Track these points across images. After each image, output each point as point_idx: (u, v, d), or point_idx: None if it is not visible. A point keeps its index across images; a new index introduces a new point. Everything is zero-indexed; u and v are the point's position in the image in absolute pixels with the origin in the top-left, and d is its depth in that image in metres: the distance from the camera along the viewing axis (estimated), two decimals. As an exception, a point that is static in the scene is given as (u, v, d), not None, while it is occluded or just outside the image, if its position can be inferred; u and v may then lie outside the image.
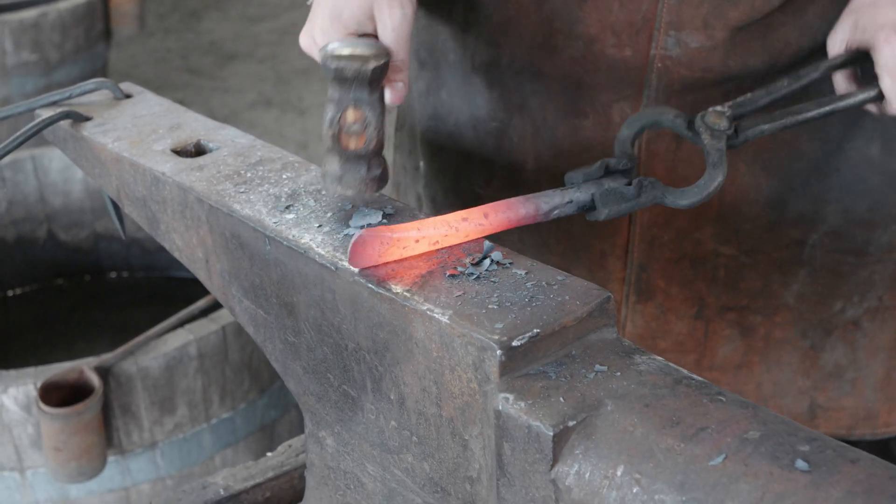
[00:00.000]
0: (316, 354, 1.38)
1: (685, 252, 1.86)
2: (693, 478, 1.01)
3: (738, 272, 1.87)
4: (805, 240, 1.85)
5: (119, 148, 1.62)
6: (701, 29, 1.68)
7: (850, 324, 1.93)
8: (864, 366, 1.96)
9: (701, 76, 1.71)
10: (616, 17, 1.69)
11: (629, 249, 1.87)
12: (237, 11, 7.96)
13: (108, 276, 3.81)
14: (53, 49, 4.73)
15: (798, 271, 1.87)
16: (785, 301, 1.90)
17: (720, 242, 1.85)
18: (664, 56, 1.70)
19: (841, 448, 1.01)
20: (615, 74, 1.73)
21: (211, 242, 1.49)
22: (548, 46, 1.75)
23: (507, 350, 1.12)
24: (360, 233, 1.25)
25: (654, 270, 1.87)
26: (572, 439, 1.09)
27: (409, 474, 1.30)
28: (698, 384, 1.12)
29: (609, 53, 1.72)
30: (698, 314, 1.91)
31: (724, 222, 1.83)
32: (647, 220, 1.82)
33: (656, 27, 1.68)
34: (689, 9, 1.66)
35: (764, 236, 1.84)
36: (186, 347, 2.75)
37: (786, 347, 1.93)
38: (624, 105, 1.75)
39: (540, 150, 1.84)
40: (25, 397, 2.63)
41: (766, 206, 1.82)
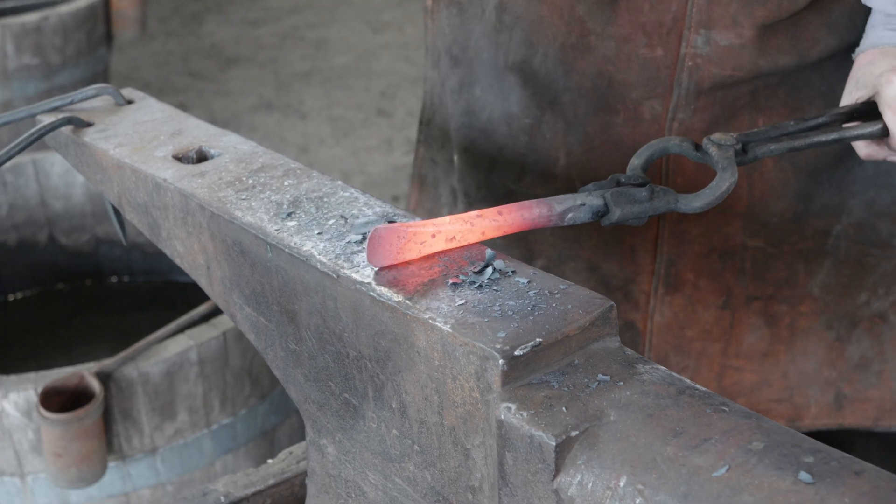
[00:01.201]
0: (317, 362, 1.37)
1: (714, 246, 1.89)
2: (696, 489, 1.01)
3: (765, 263, 1.90)
4: (829, 230, 1.88)
5: (120, 154, 1.62)
6: (730, 27, 1.70)
7: (876, 316, 1.96)
8: (890, 358, 1.98)
9: (731, 74, 1.74)
10: (647, 17, 1.72)
11: (658, 244, 1.90)
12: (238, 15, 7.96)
13: (109, 280, 3.81)
14: (55, 53, 4.72)
15: (823, 262, 1.90)
16: (810, 291, 1.92)
17: (749, 236, 1.88)
18: (694, 54, 1.73)
19: (845, 459, 1.00)
20: (646, 73, 1.76)
21: (212, 249, 1.49)
22: (580, 46, 1.78)
23: (509, 359, 1.12)
24: (376, 228, 1.25)
25: (683, 264, 1.91)
26: (575, 449, 1.08)
27: (410, 483, 1.29)
28: (702, 394, 1.12)
29: (641, 53, 1.75)
30: (725, 304, 1.94)
31: (752, 216, 1.86)
32: (677, 216, 1.86)
33: (686, 26, 1.71)
34: (718, 7, 1.69)
35: (790, 228, 1.87)
36: (187, 353, 2.75)
37: (811, 338, 1.96)
38: (654, 102, 1.78)
39: (571, 146, 1.87)
40: (26, 402, 2.63)
41: (794, 200, 1.85)
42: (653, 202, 1.43)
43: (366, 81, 6.75)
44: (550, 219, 1.36)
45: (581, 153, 1.88)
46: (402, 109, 6.37)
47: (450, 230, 1.29)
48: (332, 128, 6.10)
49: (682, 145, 1.53)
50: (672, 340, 1.98)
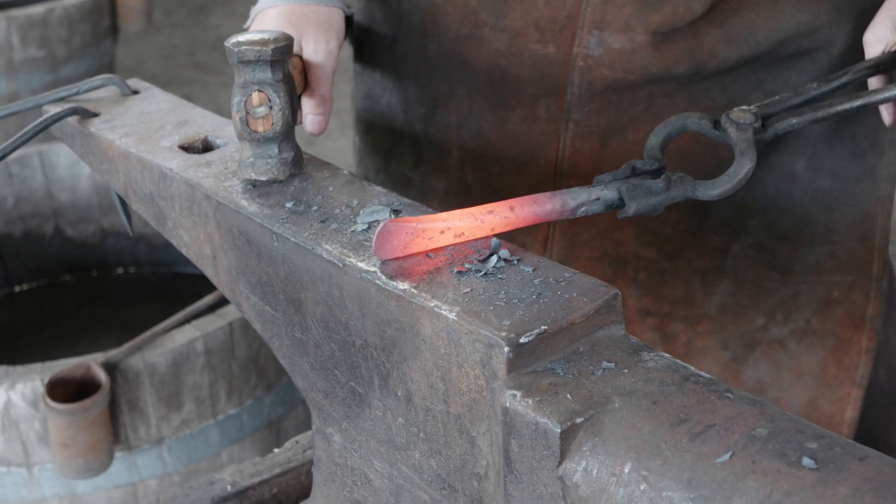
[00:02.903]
0: (323, 351, 1.38)
1: (605, 251, 1.86)
2: (701, 475, 1.01)
3: (660, 277, 1.87)
4: (728, 249, 1.85)
5: (126, 144, 1.62)
6: (623, 31, 1.68)
7: (775, 342, 1.92)
8: (788, 387, 1.95)
9: (623, 77, 1.71)
10: (541, 12, 1.70)
11: (548, 244, 1.87)
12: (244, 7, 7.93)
13: (115, 271, 3.81)
14: (60, 45, 4.73)
15: (720, 281, 1.87)
16: (707, 311, 1.89)
17: (641, 245, 1.85)
18: (586, 55, 1.70)
19: (849, 445, 1.01)
20: (539, 70, 1.74)
21: (218, 239, 1.49)
22: (474, 38, 1.76)
23: (514, 347, 1.12)
24: (385, 223, 1.25)
25: (573, 267, 1.86)
26: (580, 436, 1.09)
27: (416, 471, 1.30)
28: (706, 381, 1.12)
29: (533, 49, 1.73)
30: None
31: (644, 225, 1.83)
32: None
33: (580, 26, 1.69)
34: (613, 10, 1.67)
35: (686, 242, 1.84)
36: (193, 343, 2.75)
37: (706, 357, 1.93)
38: (549, 101, 1.76)
39: (465, 139, 1.86)
40: (32, 393, 2.64)
41: (687, 213, 1.82)
42: (669, 192, 1.40)
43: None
44: (563, 213, 1.36)
45: (475, 147, 1.86)
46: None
47: (459, 226, 1.29)
48: (337, 120, 6.10)
49: (700, 123, 1.50)
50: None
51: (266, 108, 1.43)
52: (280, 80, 1.43)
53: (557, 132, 1.79)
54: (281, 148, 1.44)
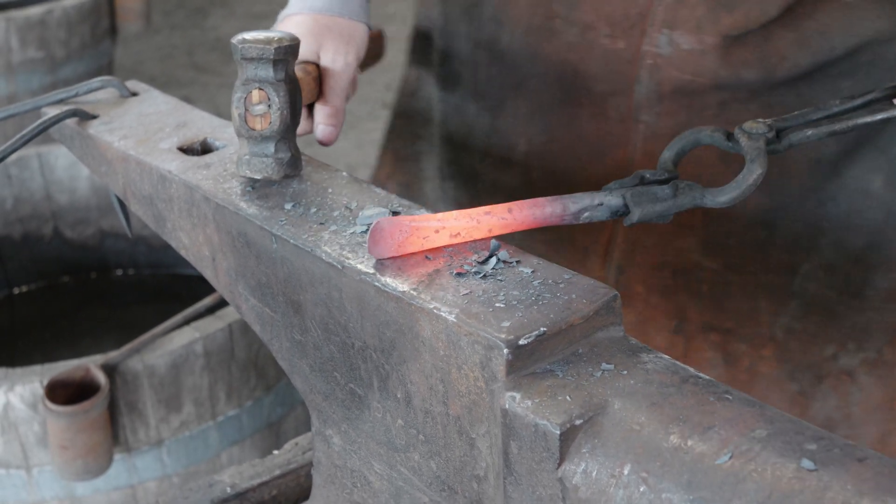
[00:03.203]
0: (322, 353, 1.38)
1: (667, 260, 1.83)
2: (700, 476, 1.01)
3: (724, 289, 1.83)
4: (796, 268, 1.80)
5: (125, 146, 1.62)
6: (693, 31, 1.66)
7: (844, 373, 1.86)
8: (858, 423, 1.88)
9: (691, 80, 1.69)
10: (612, 7, 1.69)
11: (610, 249, 1.85)
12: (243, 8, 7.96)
13: (114, 273, 3.81)
14: (59, 46, 4.72)
15: (788, 302, 1.82)
16: (773, 333, 1.84)
17: (704, 255, 1.81)
18: (655, 54, 1.69)
19: (848, 447, 1.01)
20: (608, 66, 1.73)
21: (217, 240, 1.49)
22: (546, 29, 1.75)
23: (513, 348, 1.12)
24: (378, 221, 1.25)
25: (633, 274, 1.85)
26: (579, 438, 1.09)
27: (415, 473, 1.30)
28: (705, 382, 1.12)
29: (603, 43, 1.71)
30: (678, 328, 1.87)
31: (708, 234, 1.79)
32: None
33: (650, 23, 1.67)
34: (685, 9, 1.65)
35: (752, 255, 1.80)
36: (193, 345, 2.75)
37: (772, 387, 1.87)
38: (618, 100, 1.74)
39: (532, 134, 1.84)
40: (32, 395, 2.63)
41: (754, 223, 1.78)
42: (677, 199, 1.38)
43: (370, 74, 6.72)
44: (564, 217, 1.35)
45: (542, 143, 1.84)
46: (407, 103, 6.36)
47: (455, 226, 1.29)
48: (336, 121, 6.10)
49: (713, 136, 1.47)
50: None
51: (265, 107, 1.43)
52: (281, 80, 1.43)
53: (627, 133, 1.77)
54: (277, 147, 1.45)
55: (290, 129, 1.45)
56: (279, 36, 1.44)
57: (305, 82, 1.58)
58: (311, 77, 1.60)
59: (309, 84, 1.59)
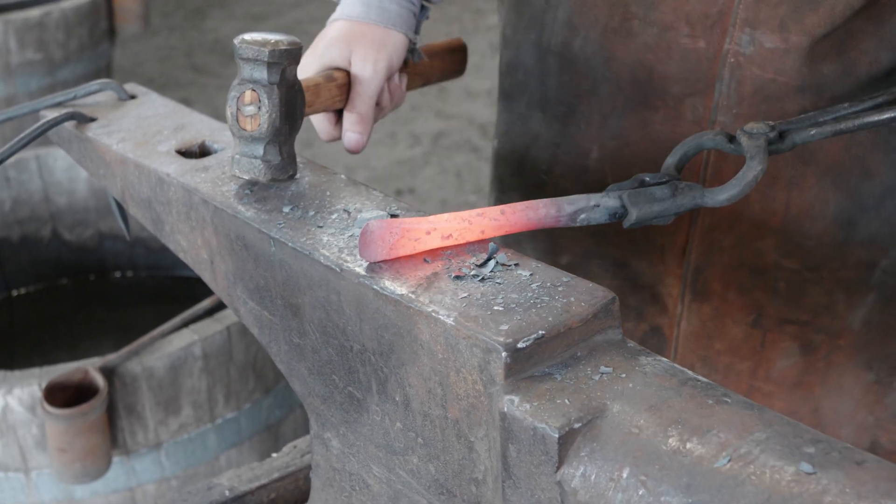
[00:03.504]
0: (321, 356, 1.38)
1: (744, 260, 1.83)
2: (699, 480, 1.01)
3: (801, 287, 1.83)
4: (875, 263, 1.80)
5: (123, 149, 1.62)
6: (776, 30, 1.65)
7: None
8: None
9: (773, 78, 1.68)
10: (692, 6, 1.68)
11: (687, 250, 1.85)
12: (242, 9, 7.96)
13: (112, 275, 3.81)
14: (58, 48, 4.72)
15: (866, 294, 1.82)
16: (850, 324, 1.84)
17: (782, 255, 1.81)
18: (737, 52, 1.68)
19: (847, 450, 1.01)
20: (687, 65, 1.72)
21: (216, 244, 1.49)
22: (622, 31, 1.74)
23: (512, 352, 1.12)
24: (368, 223, 1.25)
25: (710, 273, 1.85)
26: (578, 441, 1.09)
27: (414, 476, 1.30)
28: (704, 385, 1.12)
29: (682, 43, 1.70)
30: (755, 322, 1.87)
31: (787, 235, 1.79)
32: (709, 223, 1.80)
33: (731, 22, 1.66)
34: (767, 8, 1.64)
35: (830, 254, 1.79)
36: (191, 348, 2.75)
37: (848, 375, 1.88)
38: (696, 101, 1.73)
39: (605, 140, 1.83)
40: (30, 398, 2.63)
41: (833, 224, 1.78)
42: (675, 199, 1.38)
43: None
44: (559, 219, 1.35)
45: (615, 148, 1.83)
46: (406, 104, 6.37)
47: (446, 228, 1.29)
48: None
49: (715, 139, 1.48)
50: (699, 350, 1.91)
51: (255, 108, 1.43)
52: (275, 83, 1.43)
53: None
54: (266, 150, 1.45)
55: (281, 133, 1.45)
56: (278, 39, 1.44)
57: (326, 88, 1.58)
58: (336, 84, 1.60)
59: (331, 90, 1.59)
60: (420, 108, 6.26)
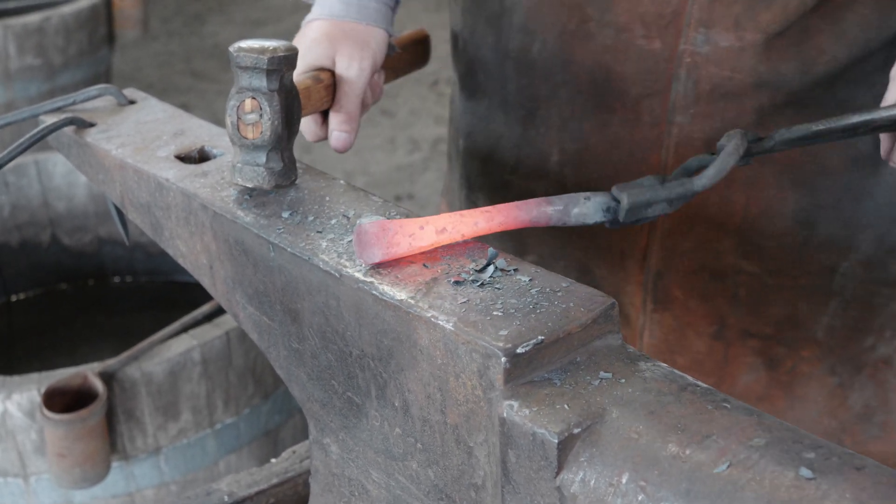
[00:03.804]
0: (320, 361, 1.38)
1: (705, 263, 1.83)
2: (698, 485, 1.01)
3: (762, 294, 1.83)
4: (836, 268, 1.81)
5: (123, 154, 1.62)
6: (731, 29, 1.65)
7: (882, 361, 1.88)
8: (894, 408, 1.90)
9: (730, 76, 1.68)
10: (646, 7, 1.68)
11: (647, 254, 1.85)
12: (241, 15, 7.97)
13: (111, 280, 3.81)
14: (57, 53, 4.73)
15: (828, 302, 1.83)
16: (813, 334, 1.85)
17: (742, 257, 1.81)
18: (693, 52, 1.68)
19: (847, 455, 1.01)
20: (644, 66, 1.72)
21: (215, 249, 1.49)
22: (580, 33, 1.75)
23: (511, 357, 1.12)
24: (360, 225, 1.25)
25: (671, 279, 1.85)
26: (577, 446, 1.09)
27: (413, 481, 1.30)
28: (703, 391, 1.12)
29: (638, 44, 1.71)
30: (718, 334, 1.87)
31: (746, 236, 1.80)
32: (668, 226, 1.80)
33: (686, 22, 1.67)
34: (721, 7, 1.64)
35: (790, 258, 1.80)
36: (190, 353, 2.75)
37: (812, 384, 1.88)
38: (653, 102, 1.73)
39: (565, 143, 1.84)
40: (29, 403, 2.63)
41: (793, 223, 1.78)
42: (665, 186, 1.35)
43: (368, 81, 6.73)
44: (551, 217, 1.35)
45: (575, 151, 1.84)
46: (405, 109, 6.38)
47: (439, 221, 1.29)
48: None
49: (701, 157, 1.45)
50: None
51: (256, 116, 1.43)
52: (275, 90, 1.43)
53: (660, 137, 1.76)
54: (269, 157, 1.45)
55: (282, 139, 1.45)
56: (275, 45, 1.44)
57: (315, 90, 1.58)
58: (323, 85, 1.60)
59: (319, 92, 1.59)
60: (419, 113, 6.26)
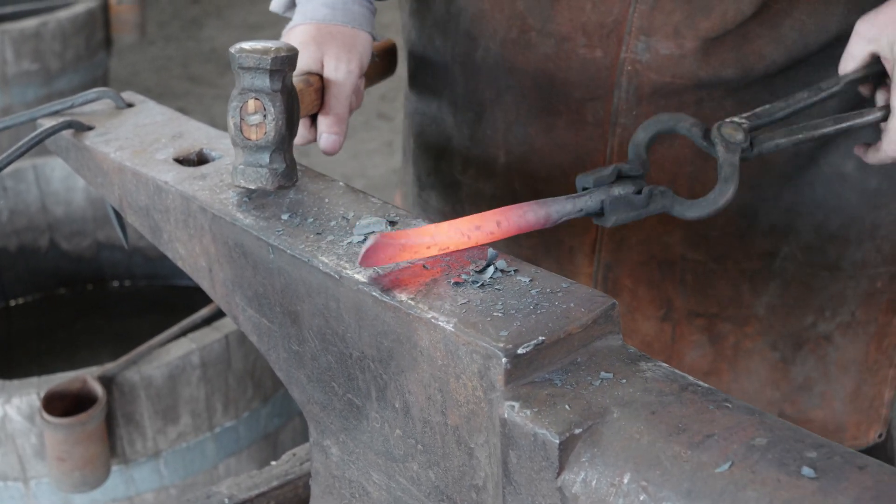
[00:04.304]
0: (320, 363, 1.37)
1: (653, 254, 1.87)
2: (700, 485, 1.01)
3: (707, 279, 1.87)
4: (776, 252, 1.85)
5: (121, 157, 1.62)
6: (671, 37, 1.68)
7: (822, 338, 1.93)
8: (834, 379, 1.96)
9: (671, 81, 1.71)
10: (588, 17, 1.70)
11: (597, 248, 1.88)
12: (238, 19, 7.96)
13: (110, 284, 3.81)
14: (54, 58, 4.73)
15: (769, 283, 1.88)
16: (755, 312, 1.89)
17: (688, 247, 1.85)
18: (634, 60, 1.71)
19: (848, 454, 1.01)
20: (587, 74, 1.75)
21: (214, 251, 1.49)
22: (521, 42, 1.77)
23: (512, 358, 1.12)
24: (374, 238, 1.25)
25: (621, 270, 1.89)
26: (578, 447, 1.08)
27: (414, 483, 1.29)
28: (704, 391, 1.12)
29: (580, 53, 1.73)
30: (665, 316, 1.91)
31: (692, 228, 1.84)
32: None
33: (627, 31, 1.69)
34: (661, 16, 1.67)
35: (734, 244, 1.84)
36: (189, 356, 2.75)
37: (755, 358, 1.93)
38: (596, 105, 1.76)
39: (512, 145, 1.86)
40: (29, 407, 2.63)
41: (736, 215, 1.82)
42: (649, 207, 1.43)
43: (365, 84, 6.73)
44: (546, 224, 1.37)
45: (521, 153, 1.86)
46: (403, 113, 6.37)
47: (445, 242, 1.29)
48: (331, 131, 6.09)
49: (691, 129, 1.50)
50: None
51: (260, 117, 1.43)
52: (278, 90, 1.43)
53: (604, 136, 1.79)
54: (272, 158, 1.45)
55: (285, 139, 1.45)
56: (277, 46, 1.44)
57: (307, 93, 1.58)
58: (313, 88, 1.60)
59: (310, 95, 1.59)
60: (417, 116, 6.25)
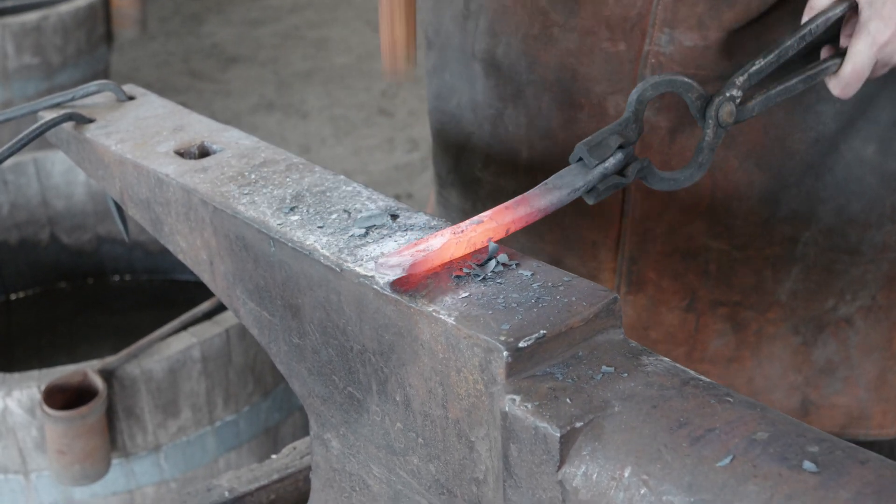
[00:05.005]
0: (321, 356, 1.37)
1: (677, 246, 1.87)
2: (701, 479, 1.01)
3: (730, 267, 1.88)
4: (798, 237, 1.86)
5: (122, 150, 1.62)
6: (695, 28, 1.68)
7: (843, 321, 1.93)
8: (856, 364, 1.96)
9: (694, 73, 1.72)
10: (611, 11, 1.70)
11: (620, 242, 1.88)
12: (239, 15, 7.96)
13: (111, 279, 3.81)
14: (55, 52, 4.73)
15: (791, 268, 1.88)
16: (777, 298, 1.90)
17: (711, 237, 1.85)
18: (658, 52, 1.71)
19: (850, 449, 1.00)
20: (609, 68, 1.75)
21: (215, 244, 1.49)
22: (543, 37, 1.77)
23: (513, 351, 1.12)
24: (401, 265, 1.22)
25: (645, 263, 1.88)
26: (579, 441, 1.08)
27: (414, 476, 1.29)
28: (706, 385, 1.12)
29: (603, 47, 1.73)
30: (689, 307, 1.91)
31: (715, 217, 1.84)
32: (640, 213, 1.84)
33: (651, 24, 1.70)
34: (685, 8, 1.67)
35: (756, 232, 1.85)
36: (190, 350, 2.75)
37: (777, 343, 1.93)
38: (619, 98, 1.76)
39: (534, 141, 1.86)
40: (29, 400, 2.63)
41: (759, 203, 1.83)
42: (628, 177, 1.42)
43: (367, 81, 6.75)
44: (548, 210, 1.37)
45: (544, 147, 1.86)
46: (404, 109, 6.37)
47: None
48: (333, 127, 6.10)
49: (694, 101, 1.50)
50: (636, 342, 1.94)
51: None
52: None
53: None
54: None
55: None
56: None
57: None
58: None
59: None
60: (417, 113, 6.26)
